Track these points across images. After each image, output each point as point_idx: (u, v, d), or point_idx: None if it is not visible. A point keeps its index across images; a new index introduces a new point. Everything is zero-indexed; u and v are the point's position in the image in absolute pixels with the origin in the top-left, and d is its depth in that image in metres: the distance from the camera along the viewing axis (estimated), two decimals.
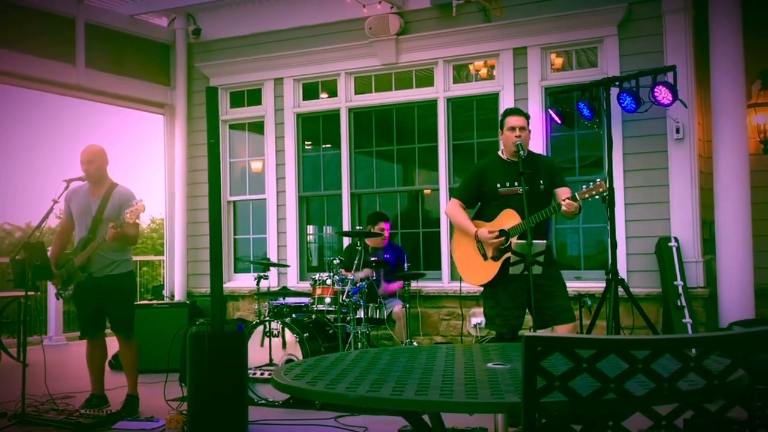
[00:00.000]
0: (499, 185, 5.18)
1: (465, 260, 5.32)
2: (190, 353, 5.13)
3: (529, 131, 5.31)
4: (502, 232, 5.05)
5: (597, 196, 4.99)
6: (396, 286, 7.49)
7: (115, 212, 5.84)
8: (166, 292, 9.58)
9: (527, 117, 5.31)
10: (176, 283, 9.50)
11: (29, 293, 5.79)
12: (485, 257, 5.14)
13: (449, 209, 5.46)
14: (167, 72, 9.67)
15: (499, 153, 5.38)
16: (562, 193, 5.11)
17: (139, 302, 8.53)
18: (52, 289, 9.92)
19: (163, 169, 9.80)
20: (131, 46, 9.29)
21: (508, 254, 5.00)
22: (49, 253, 5.97)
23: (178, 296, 9.39)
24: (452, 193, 5.75)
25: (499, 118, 5.45)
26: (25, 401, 5.58)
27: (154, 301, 8.81)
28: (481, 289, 5.38)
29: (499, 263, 5.07)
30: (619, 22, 7.45)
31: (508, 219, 5.07)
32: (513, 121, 5.21)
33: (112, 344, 6.29)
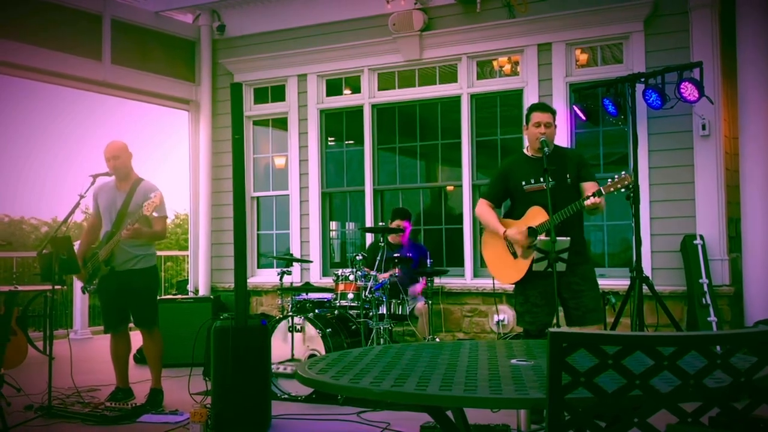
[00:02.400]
0: (524, 183, 5.13)
1: (495, 259, 5.28)
2: (215, 347, 5.17)
3: (555, 127, 5.25)
4: (530, 230, 5.02)
5: (623, 189, 4.93)
6: (419, 287, 7.47)
7: (140, 207, 5.89)
8: (190, 287, 9.65)
9: (553, 113, 5.24)
10: (200, 278, 9.56)
11: (56, 287, 5.84)
12: (515, 255, 5.12)
13: (478, 210, 5.41)
14: (192, 68, 9.73)
15: (524, 150, 5.34)
16: (588, 187, 5.05)
17: (163, 297, 8.61)
18: (78, 283, 10.02)
19: (188, 165, 9.86)
20: (156, 43, 9.35)
21: None
22: (76, 249, 6.03)
23: (202, 291, 9.45)
24: (481, 193, 5.71)
25: (524, 112, 5.41)
26: (52, 394, 5.63)
27: (179, 296, 8.88)
28: (510, 286, 5.35)
29: (528, 261, 5.03)
30: (645, 18, 7.39)
31: (536, 216, 5.03)
32: (538, 116, 5.15)
33: (137, 338, 6.34)
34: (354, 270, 6.62)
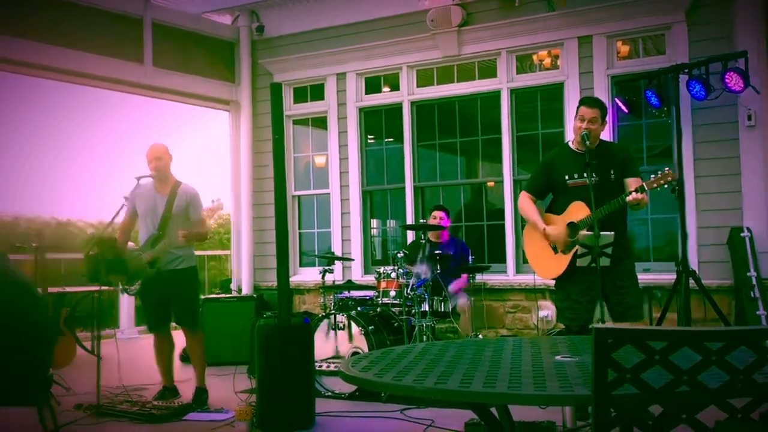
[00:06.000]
0: (567, 177, 5.07)
1: (536, 254, 5.24)
2: (258, 346, 5.20)
3: (604, 124, 5.13)
4: (570, 225, 4.97)
5: (666, 186, 4.85)
6: (460, 283, 7.42)
7: (183, 210, 5.95)
8: (233, 286, 9.72)
9: (602, 109, 5.08)
10: (243, 277, 9.64)
11: (102, 288, 5.93)
12: (556, 250, 5.08)
13: (520, 203, 5.36)
14: (232, 69, 9.81)
15: (570, 143, 5.25)
16: (632, 183, 4.95)
17: (207, 296, 8.69)
18: None
19: (229, 166, 9.94)
20: (196, 44, 9.45)
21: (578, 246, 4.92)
22: None
23: (246, 290, 9.53)
24: (523, 185, 5.64)
25: (564, 105, 5.33)
26: (100, 393, 5.72)
27: (222, 295, 8.95)
28: (552, 282, 5.30)
29: (569, 256, 4.98)
30: (687, 8, 7.27)
31: (577, 211, 4.97)
32: (583, 111, 5.03)
33: (181, 337, 6.40)
34: (396, 267, 6.62)
